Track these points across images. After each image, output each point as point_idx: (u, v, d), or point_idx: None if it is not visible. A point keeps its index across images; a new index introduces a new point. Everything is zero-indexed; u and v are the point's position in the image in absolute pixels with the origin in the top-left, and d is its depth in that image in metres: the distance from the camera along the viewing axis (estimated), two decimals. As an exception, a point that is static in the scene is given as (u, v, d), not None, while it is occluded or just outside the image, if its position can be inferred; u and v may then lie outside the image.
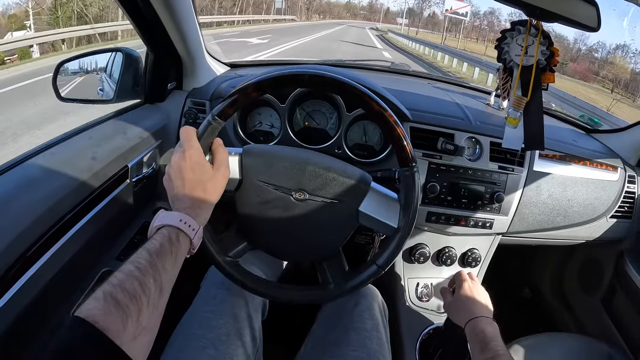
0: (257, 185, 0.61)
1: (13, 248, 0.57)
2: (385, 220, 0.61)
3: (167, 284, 0.44)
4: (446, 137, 0.90)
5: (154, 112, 0.98)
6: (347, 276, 0.64)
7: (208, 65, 1.07)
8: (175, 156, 0.54)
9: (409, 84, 1.26)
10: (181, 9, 0.84)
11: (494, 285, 1.14)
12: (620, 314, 1.15)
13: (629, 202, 1.08)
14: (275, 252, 0.70)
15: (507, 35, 0.77)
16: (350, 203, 0.61)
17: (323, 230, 0.64)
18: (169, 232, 0.48)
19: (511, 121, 0.76)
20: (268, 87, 0.58)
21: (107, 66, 1.04)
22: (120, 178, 0.84)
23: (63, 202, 0.67)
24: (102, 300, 0.37)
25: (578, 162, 1.03)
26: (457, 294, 0.76)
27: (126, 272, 0.41)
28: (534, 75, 0.75)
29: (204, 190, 0.54)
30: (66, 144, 0.77)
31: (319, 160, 0.62)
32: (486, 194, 0.93)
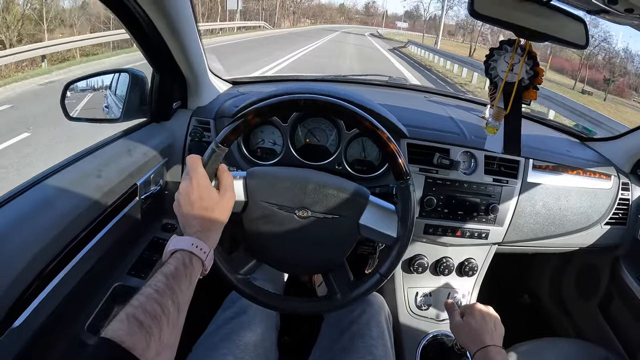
0: (262, 206, 0.64)
1: (30, 268, 0.60)
2: (385, 231, 0.64)
3: (184, 304, 0.48)
4: (442, 152, 0.93)
5: (160, 130, 1.01)
6: (352, 285, 0.67)
7: (211, 83, 1.10)
8: (183, 184, 0.58)
9: (406, 98, 1.29)
10: (185, 31, 0.88)
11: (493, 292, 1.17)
12: (617, 319, 1.17)
13: (623, 209, 1.10)
14: (283, 267, 0.74)
15: (495, 53, 0.81)
16: (351, 217, 0.64)
17: (327, 244, 0.67)
18: (182, 256, 0.51)
19: (490, 130, 0.83)
20: (267, 113, 0.61)
21: (111, 85, 1.08)
22: (130, 196, 0.87)
23: (77, 222, 0.70)
24: (126, 321, 0.40)
25: (571, 172, 1.06)
26: (469, 318, 0.73)
27: (146, 295, 0.44)
28: (515, 91, 0.79)
29: (212, 215, 0.57)
30: (78, 165, 0.80)
31: (319, 179, 0.65)
32: (481, 205, 0.96)
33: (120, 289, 0.87)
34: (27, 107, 5.16)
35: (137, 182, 0.89)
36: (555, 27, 0.76)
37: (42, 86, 6.28)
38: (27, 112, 4.78)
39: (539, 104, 5.10)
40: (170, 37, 0.87)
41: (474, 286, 1.06)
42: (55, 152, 3.46)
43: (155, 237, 0.99)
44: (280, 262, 0.71)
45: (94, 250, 0.75)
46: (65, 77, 3.87)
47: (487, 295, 1.14)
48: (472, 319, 0.72)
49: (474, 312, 0.73)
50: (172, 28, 0.85)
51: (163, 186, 1.01)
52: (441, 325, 1.00)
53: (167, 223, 1.04)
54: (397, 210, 0.65)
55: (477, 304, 0.75)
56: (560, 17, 0.75)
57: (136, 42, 0.88)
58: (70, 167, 0.79)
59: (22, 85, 6.23)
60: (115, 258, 0.90)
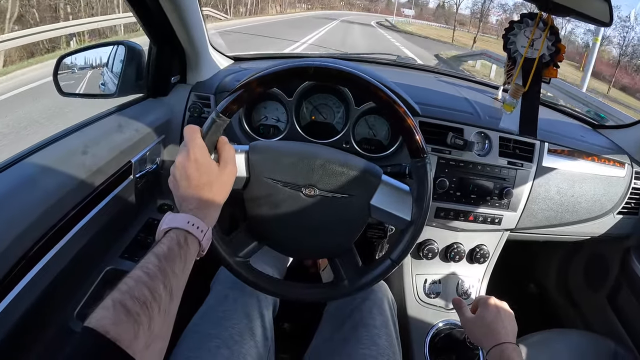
0: (266, 183, 0.59)
1: (14, 248, 0.55)
2: (398, 213, 0.60)
3: (178, 289, 0.43)
4: (455, 131, 0.89)
5: (158, 106, 0.96)
6: (361, 272, 0.63)
7: (212, 58, 1.05)
8: (179, 156, 0.52)
9: (416, 77, 1.25)
10: (187, 2, 0.83)
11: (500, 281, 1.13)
12: (626, 311, 1.15)
13: (636, 198, 1.08)
14: (287, 250, 0.69)
15: (515, 27, 0.78)
16: (362, 197, 0.60)
17: (335, 226, 0.62)
18: (177, 235, 0.46)
19: (507, 107, 0.79)
20: (273, 81, 0.56)
21: (108, 60, 1.02)
22: (124, 174, 0.82)
23: (65, 200, 0.65)
24: (112, 309, 0.35)
25: (586, 158, 1.02)
26: (483, 313, 0.68)
27: (135, 279, 0.39)
28: (535, 67, 0.75)
29: (210, 190, 0.52)
30: (68, 140, 0.75)
31: (328, 155, 0.60)
32: (495, 189, 0.92)
33: (112, 273, 0.82)
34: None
35: (131, 159, 0.84)
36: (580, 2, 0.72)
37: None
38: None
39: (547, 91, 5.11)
40: (170, 8, 0.82)
41: (484, 274, 1.02)
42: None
43: (151, 218, 0.94)
44: (284, 244, 0.66)
45: (84, 231, 0.70)
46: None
47: (494, 284, 1.10)
48: (487, 313, 0.67)
49: (489, 307, 0.68)
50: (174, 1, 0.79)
51: (160, 164, 0.96)
52: (450, 314, 0.97)
53: (164, 203, 0.99)
54: (412, 191, 0.60)
55: (492, 297, 0.70)
56: (585, -8, 0.71)
57: (134, 11, 0.83)
58: (58, 142, 0.73)
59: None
60: (108, 240, 0.85)
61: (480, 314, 0.68)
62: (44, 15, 10.38)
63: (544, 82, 0.81)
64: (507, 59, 0.78)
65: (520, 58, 0.80)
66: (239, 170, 0.58)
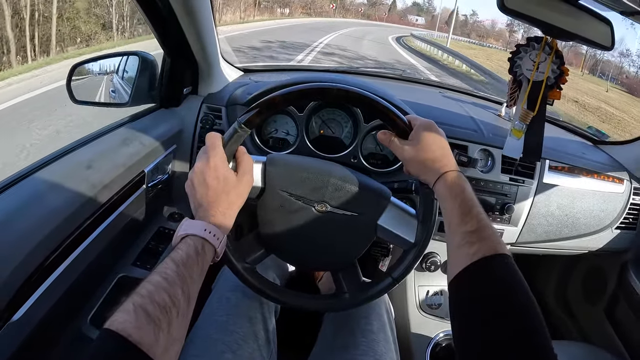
0: (280, 195, 0.62)
1: (32, 257, 0.57)
2: (403, 235, 0.62)
3: (194, 294, 0.45)
4: (460, 148, 0.91)
5: (170, 116, 0.98)
6: (362, 287, 0.66)
7: (223, 70, 1.07)
8: (199, 162, 0.54)
9: (421, 92, 1.27)
10: (201, 14, 0.84)
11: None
12: (623, 323, 1.17)
13: (634, 214, 1.10)
14: (293, 260, 0.71)
15: (521, 50, 0.79)
16: (370, 216, 0.62)
17: (342, 242, 0.65)
18: (194, 242, 0.48)
19: (516, 133, 0.79)
20: (296, 99, 0.58)
21: (118, 69, 1.04)
22: (137, 184, 0.84)
23: (80, 211, 0.67)
24: (133, 312, 0.37)
25: (586, 175, 1.05)
26: (419, 135, 0.56)
27: (154, 284, 0.41)
28: (543, 91, 0.77)
29: (227, 199, 0.54)
30: (83, 150, 0.77)
31: (342, 174, 0.63)
32: (497, 205, 0.94)
33: (124, 280, 0.84)
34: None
35: (144, 169, 0.86)
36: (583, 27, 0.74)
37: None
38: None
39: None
40: (186, 20, 0.84)
41: None
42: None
43: (162, 227, 0.96)
44: (291, 255, 0.68)
45: (98, 239, 0.72)
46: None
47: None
48: (425, 133, 0.56)
49: (425, 123, 0.58)
50: (189, 11, 0.81)
51: (171, 174, 0.98)
52: (451, 324, 0.99)
53: (174, 212, 1.01)
54: (418, 214, 0.63)
55: (420, 118, 0.60)
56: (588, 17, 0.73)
57: (150, 23, 0.85)
58: (75, 152, 0.76)
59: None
60: (120, 248, 0.87)
61: (417, 135, 0.57)
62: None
63: (547, 105, 0.83)
64: (511, 82, 0.80)
65: (526, 81, 0.82)
66: (255, 180, 0.60)
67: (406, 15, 57.97)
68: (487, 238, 0.46)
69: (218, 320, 0.68)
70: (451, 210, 0.51)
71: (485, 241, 0.45)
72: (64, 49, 9.11)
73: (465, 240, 0.46)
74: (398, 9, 65.97)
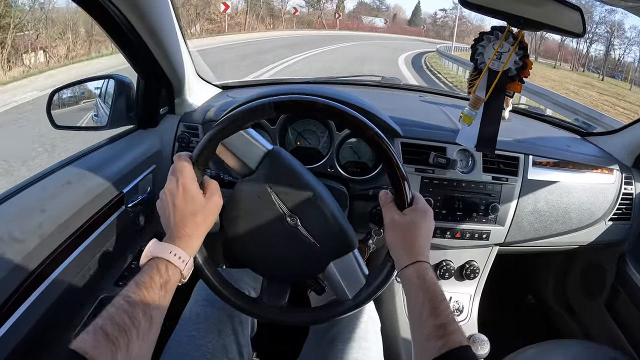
0: (263, 187, 0.60)
1: (10, 279, 0.57)
2: (346, 287, 0.61)
3: (158, 316, 0.46)
4: (438, 150, 0.90)
5: (147, 137, 0.98)
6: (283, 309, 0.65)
7: (199, 88, 1.07)
8: (169, 183, 0.55)
9: (400, 97, 1.27)
10: (166, 34, 0.84)
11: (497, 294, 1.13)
12: (624, 317, 1.14)
13: (627, 204, 1.08)
14: (247, 260, 0.68)
15: (484, 38, 0.77)
16: (327, 253, 0.61)
17: (292, 260, 0.63)
18: (158, 265, 0.49)
19: (465, 119, 0.77)
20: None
21: (100, 93, 1.05)
22: (116, 204, 0.84)
23: (59, 231, 0.67)
24: (92, 333, 0.40)
25: (573, 168, 1.03)
26: (414, 214, 0.56)
27: (117, 306, 0.43)
28: (498, 80, 0.75)
29: (194, 220, 0.54)
30: (61, 173, 0.78)
31: (327, 200, 0.61)
32: (481, 205, 0.92)
33: (107, 301, 0.83)
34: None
35: (123, 190, 0.86)
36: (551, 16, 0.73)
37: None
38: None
39: (536, 102, 5.02)
40: (153, 42, 0.84)
41: (475, 289, 1.02)
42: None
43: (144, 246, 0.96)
44: (244, 253, 0.65)
45: (79, 261, 0.72)
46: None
47: (491, 298, 1.10)
48: (419, 218, 0.56)
49: (426, 214, 0.58)
50: (154, 33, 0.82)
51: (151, 194, 0.98)
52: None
53: (157, 232, 1.00)
54: (370, 278, 0.61)
55: (422, 200, 0.60)
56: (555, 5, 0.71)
57: (118, 47, 0.85)
58: (52, 175, 0.76)
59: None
60: (102, 269, 0.87)
61: (411, 218, 0.56)
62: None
63: (507, 96, 0.81)
64: (473, 69, 0.78)
65: (485, 69, 0.79)
66: (249, 161, 0.60)
67: (359, 17, 44.92)
68: (453, 332, 0.47)
69: (187, 335, 0.68)
70: (422, 300, 0.51)
71: (452, 335, 0.47)
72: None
73: (435, 334, 0.48)
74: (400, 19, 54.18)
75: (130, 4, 0.73)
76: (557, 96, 5.00)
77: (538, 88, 5.31)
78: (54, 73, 7.69)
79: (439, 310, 0.49)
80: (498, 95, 0.77)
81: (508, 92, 0.79)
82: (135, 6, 0.74)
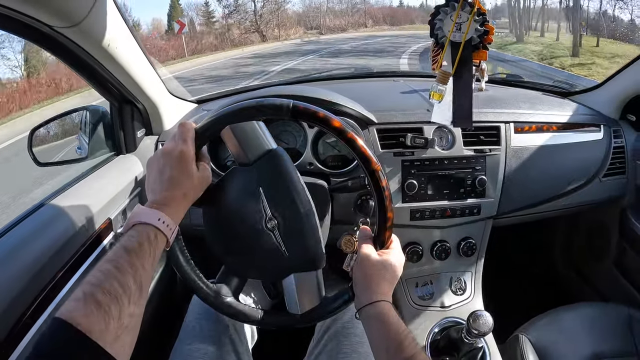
0: (254, 183, 0.60)
1: (4, 315, 0.57)
2: (298, 301, 0.61)
3: (147, 282, 0.44)
4: (414, 131, 0.89)
5: (128, 161, 0.99)
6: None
7: (174, 106, 1.08)
8: (167, 145, 0.54)
9: (374, 85, 1.26)
10: (130, 59, 0.85)
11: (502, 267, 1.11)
12: (634, 272, 1.12)
13: (619, 158, 1.06)
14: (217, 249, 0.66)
15: (441, 11, 0.75)
16: (292, 264, 0.60)
17: (257, 260, 0.63)
18: (147, 231, 0.47)
19: (436, 96, 0.76)
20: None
21: (80, 125, 1.06)
22: (105, 231, 0.85)
23: (50, 265, 0.67)
24: (83, 301, 0.37)
25: (557, 129, 1.01)
26: (388, 256, 0.57)
27: (105, 272, 0.40)
28: (461, 51, 0.73)
29: (181, 190, 0.53)
30: (46, 208, 0.78)
31: (311, 221, 0.61)
32: (467, 180, 0.91)
33: None
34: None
35: (110, 216, 0.87)
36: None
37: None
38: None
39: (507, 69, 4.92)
40: (118, 70, 0.85)
41: (476, 265, 1.00)
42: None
43: None
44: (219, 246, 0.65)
45: (72, 291, 0.72)
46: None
47: (496, 272, 1.09)
48: (392, 263, 0.57)
49: (400, 260, 0.59)
50: (117, 60, 0.82)
51: None
52: (447, 311, 0.95)
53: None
54: (325, 300, 0.61)
55: (399, 246, 0.61)
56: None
57: (84, 78, 0.86)
58: (37, 212, 0.76)
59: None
60: None
61: (385, 258, 0.57)
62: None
63: (473, 66, 0.79)
64: (434, 45, 0.77)
65: (448, 43, 0.78)
66: (250, 151, 0.60)
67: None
68: None
69: (184, 348, 0.68)
70: (387, 336, 0.51)
71: None
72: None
73: None
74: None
75: (88, 38, 0.73)
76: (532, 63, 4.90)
77: (508, 56, 5.20)
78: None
79: (404, 344, 0.49)
80: (465, 66, 0.76)
81: (474, 63, 0.78)
82: (93, 39, 0.74)
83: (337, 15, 23.43)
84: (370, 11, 24.81)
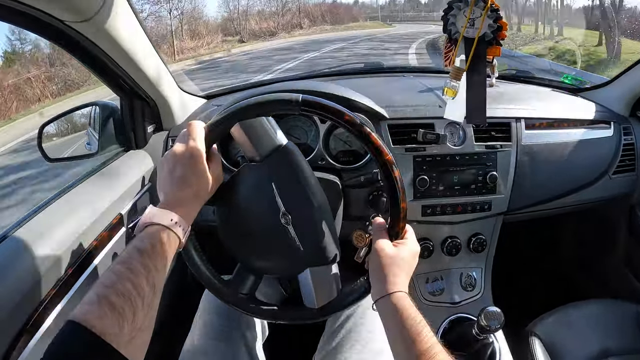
0: (267, 179, 0.59)
1: (16, 314, 0.57)
2: (315, 295, 0.60)
3: (160, 283, 0.45)
4: (426, 127, 0.89)
5: (139, 157, 0.99)
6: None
7: (183, 101, 1.08)
8: (177, 146, 0.54)
9: (385, 81, 1.25)
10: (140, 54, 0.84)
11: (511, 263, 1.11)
12: (644, 270, 1.12)
13: (629, 155, 1.05)
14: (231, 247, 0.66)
15: (454, 7, 0.74)
16: (307, 260, 0.60)
17: (274, 257, 0.63)
18: (159, 232, 0.47)
19: (449, 92, 0.75)
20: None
21: (90, 120, 1.06)
22: (116, 227, 0.85)
23: (63, 259, 0.68)
24: (97, 303, 0.37)
25: (568, 126, 1.01)
26: (404, 247, 0.58)
27: (118, 274, 0.40)
28: (475, 47, 0.73)
29: (192, 190, 0.52)
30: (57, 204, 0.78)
31: (325, 215, 0.61)
32: (478, 176, 0.91)
33: None
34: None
35: (121, 212, 0.87)
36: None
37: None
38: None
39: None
40: (128, 64, 0.85)
41: (486, 262, 1.01)
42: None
43: None
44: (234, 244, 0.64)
45: (84, 287, 0.72)
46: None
47: (504, 268, 1.09)
48: (407, 254, 0.57)
49: (416, 250, 0.59)
50: (127, 55, 0.82)
51: None
52: (457, 307, 0.96)
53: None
54: (343, 292, 0.61)
55: (414, 237, 0.61)
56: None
57: (95, 73, 0.86)
58: (48, 208, 0.77)
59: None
60: None
61: (401, 249, 0.57)
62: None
63: (487, 62, 0.79)
64: (447, 41, 0.76)
65: (462, 39, 0.77)
66: (262, 147, 0.59)
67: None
68: (440, 352, 0.48)
69: (196, 345, 0.68)
70: (403, 327, 0.51)
71: (440, 354, 0.47)
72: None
73: (423, 357, 0.48)
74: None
75: (100, 33, 0.73)
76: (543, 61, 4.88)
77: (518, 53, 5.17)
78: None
79: (422, 336, 0.49)
80: (478, 62, 0.75)
81: (488, 59, 0.77)
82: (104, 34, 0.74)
83: (265, 18, 19.79)
84: (306, 9, 20.94)
